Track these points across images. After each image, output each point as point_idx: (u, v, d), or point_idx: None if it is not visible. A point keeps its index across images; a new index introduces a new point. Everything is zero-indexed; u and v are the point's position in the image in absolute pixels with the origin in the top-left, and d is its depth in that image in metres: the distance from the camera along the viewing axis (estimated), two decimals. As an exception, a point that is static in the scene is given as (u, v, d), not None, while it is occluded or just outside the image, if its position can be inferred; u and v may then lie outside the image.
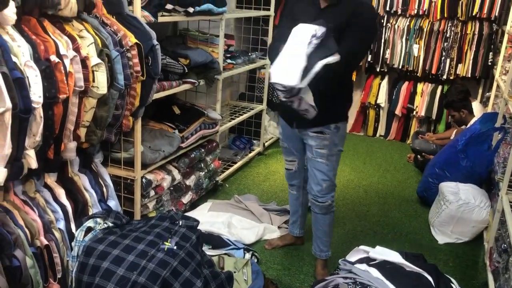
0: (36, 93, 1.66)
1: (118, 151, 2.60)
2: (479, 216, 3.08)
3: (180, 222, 2.12)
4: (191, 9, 2.75)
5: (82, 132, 2.02)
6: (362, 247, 2.17)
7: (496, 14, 4.51)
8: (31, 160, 1.75)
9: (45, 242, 1.90)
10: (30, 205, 1.90)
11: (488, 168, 3.37)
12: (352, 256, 2.13)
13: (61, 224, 1.98)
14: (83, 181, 2.18)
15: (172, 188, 2.97)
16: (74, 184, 2.12)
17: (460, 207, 3.10)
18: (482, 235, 3.13)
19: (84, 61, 1.88)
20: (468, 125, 4.02)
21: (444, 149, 3.66)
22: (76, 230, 1.99)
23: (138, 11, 2.36)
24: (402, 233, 3.20)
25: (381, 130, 5.32)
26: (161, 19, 2.56)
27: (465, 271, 2.79)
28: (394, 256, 2.03)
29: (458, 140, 3.49)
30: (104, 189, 2.30)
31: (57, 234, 1.97)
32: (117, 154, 2.61)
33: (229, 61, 3.58)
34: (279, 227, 3.07)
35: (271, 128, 4.70)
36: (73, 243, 1.84)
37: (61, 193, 2.03)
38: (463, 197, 3.13)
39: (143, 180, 2.67)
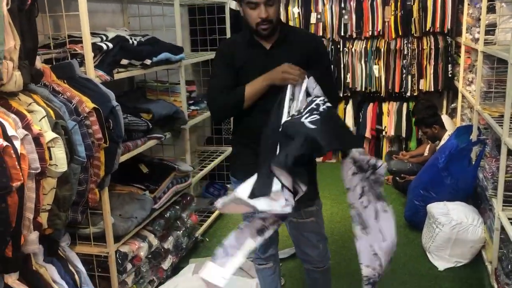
0: (-17, 187, 1.41)
1: (86, 226, 2.32)
2: (475, 235, 2.96)
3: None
4: (148, 61, 2.55)
5: (44, 218, 1.75)
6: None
7: (449, 27, 4.56)
8: (-14, 265, 1.47)
9: None
10: (-11, 316, 1.61)
11: (473, 183, 3.28)
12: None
13: (30, 331, 1.69)
14: (50, 272, 1.88)
15: (150, 256, 2.70)
16: (40, 279, 1.83)
17: (454, 228, 2.98)
18: (481, 254, 3.01)
19: (37, 139, 1.63)
20: (443, 140, 3.96)
21: (426, 169, 3.56)
22: (49, 334, 1.71)
23: (91, 71, 2.14)
24: (399, 263, 3.04)
25: (353, 155, 5.22)
26: (117, 76, 2.35)
27: (474, 297, 2.64)
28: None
29: (438, 158, 3.41)
30: (76, 277, 2.01)
31: None
32: (85, 230, 2.33)
33: (192, 107, 3.40)
34: (272, 280, 2.84)
35: (243, 169, 4.50)
36: None
37: (26, 293, 1.74)
38: (455, 217, 3.02)
39: (118, 254, 2.40)
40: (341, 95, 5.00)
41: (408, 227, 3.54)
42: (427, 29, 4.61)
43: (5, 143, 1.50)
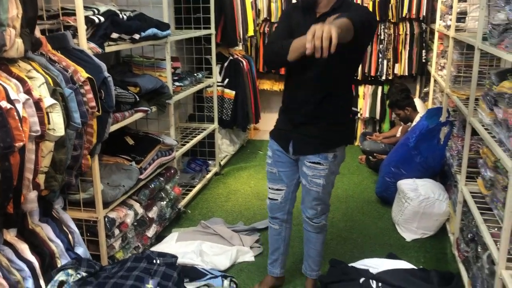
0: (-10, 145, 1.51)
1: (76, 192, 2.43)
2: (440, 209, 3.19)
3: (158, 260, 2.01)
4: (137, 36, 2.64)
5: (41, 179, 1.86)
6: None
7: (424, 14, 4.75)
8: (-10, 218, 1.58)
9: (14, 305, 1.72)
10: (-8, 267, 1.72)
11: (441, 161, 3.51)
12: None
13: (29, 283, 1.80)
14: (46, 231, 2.00)
15: (135, 223, 2.83)
16: (37, 236, 1.95)
17: (421, 203, 3.20)
18: (445, 227, 3.25)
19: (37, 103, 1.73)
20: (414, 122, 4.18)
21: (397, 148, 3.77)
22: (46, 286, 1.83)
23: (84, 43, 2.22)
24: (371, 235, 3.25)
25: (329, 135, 5.41)
26: (108, 49, 2.44)
27: (437, 265, 2.86)
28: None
29: (409, 137, 3.62)
30: (70, 236, 2.13)
31: (25, 294, 1.80)
32: (75, 196, 2.44)
33: (177, 83, 3.50)
34: (251, 247, 3.01)
35: (225, 146, 4.64)
36: (47, 302, 1.68)
37: (24, 248, 1.86)
38: (423, 192, 3.24)
39: (106, 219, 2.52)
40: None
41: (380, 202, 3.76)
42: (403, 15, 4.80)
43: (9, 106, 1.60)
